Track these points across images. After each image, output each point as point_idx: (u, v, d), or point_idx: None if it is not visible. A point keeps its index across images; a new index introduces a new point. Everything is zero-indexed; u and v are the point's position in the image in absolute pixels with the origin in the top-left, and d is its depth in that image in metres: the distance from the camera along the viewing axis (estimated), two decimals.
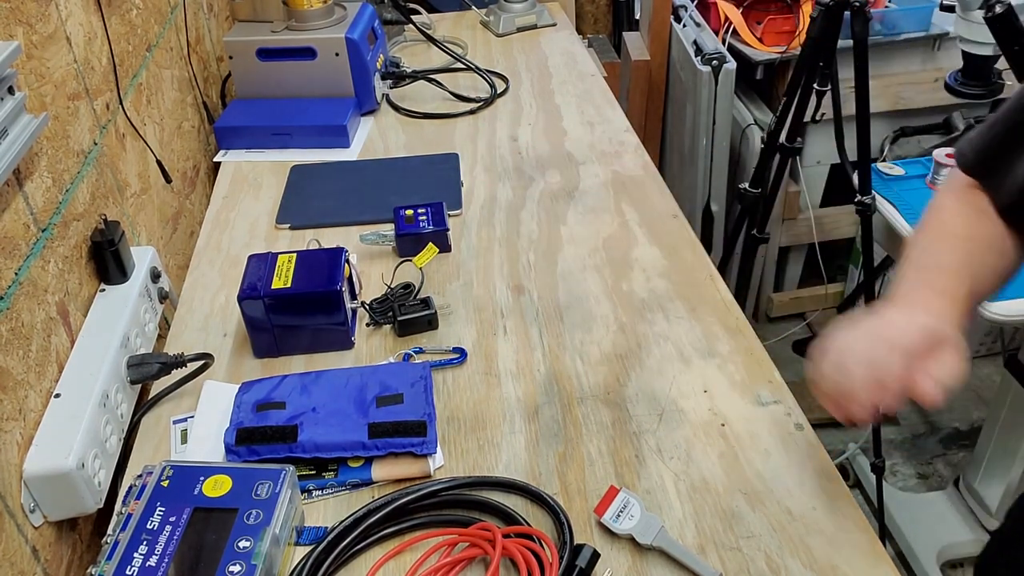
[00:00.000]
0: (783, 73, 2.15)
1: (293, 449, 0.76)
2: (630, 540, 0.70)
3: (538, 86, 1.48)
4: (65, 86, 0.86)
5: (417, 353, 0.91)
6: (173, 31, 1.23)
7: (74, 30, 0.89)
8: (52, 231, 0.80)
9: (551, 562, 0.66)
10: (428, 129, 1.37)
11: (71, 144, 0.86)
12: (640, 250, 1.04)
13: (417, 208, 1.07)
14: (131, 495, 0.71)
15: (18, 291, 0.72)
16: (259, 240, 1.12)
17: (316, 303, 0.89)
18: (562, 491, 0.75)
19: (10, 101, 0.70)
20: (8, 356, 0.70)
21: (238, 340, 0.94)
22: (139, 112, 1.06)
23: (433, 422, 0.79)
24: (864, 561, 0.68)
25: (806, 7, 2.06)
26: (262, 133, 1.32)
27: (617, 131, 1.32)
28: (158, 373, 0.86)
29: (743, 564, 0.68)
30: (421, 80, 1.47)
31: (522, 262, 1.05)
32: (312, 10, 1.34)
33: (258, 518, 0.66)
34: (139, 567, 0.63)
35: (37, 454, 0.71)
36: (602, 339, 0.92)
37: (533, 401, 0.85)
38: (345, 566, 0.70)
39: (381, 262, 1.05)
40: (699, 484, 0.75)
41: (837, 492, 0.73)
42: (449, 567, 0.68)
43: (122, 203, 0.98)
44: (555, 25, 1.71)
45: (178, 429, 0.84)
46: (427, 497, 0.73)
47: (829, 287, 2.41)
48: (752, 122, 2.16)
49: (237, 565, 0.63)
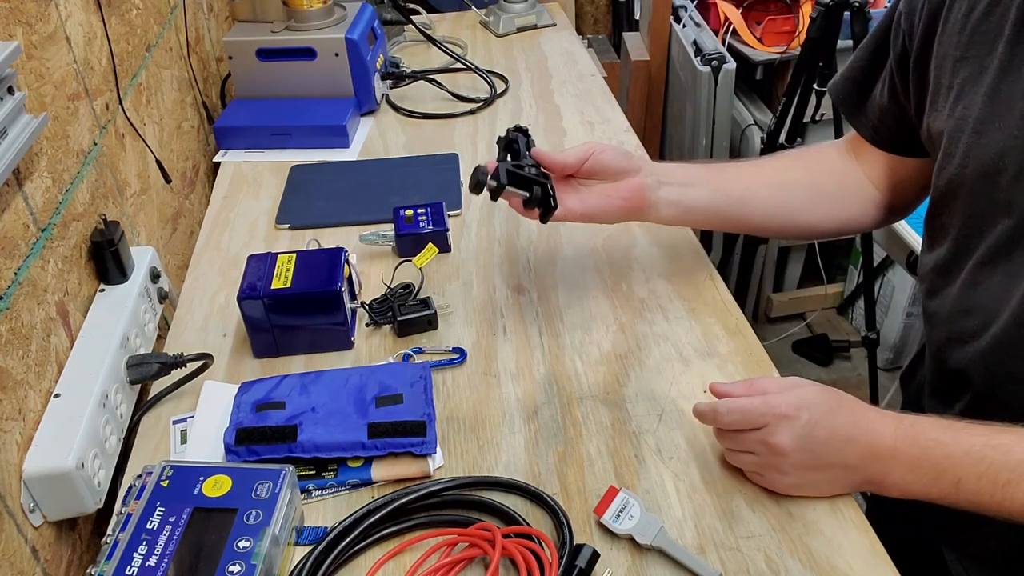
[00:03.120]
0: (783, 73, 2.15)
1: (293, 449, 0.76)
2: (630, 540, 0.70)
3: (538, 86, 1.48)
4: (65, 86, 0.86)
5: (417, 353, 0.91)
6: (173, 31, 1.23)
7: (74, 30, 0.89)
8: (52, 231, 0.80)
9: (551, 562, 0.66)
10: (428, 129, 1.37)
11: (71, 144, 0.86)
12: (640, 250, 1.04)
13: (417, 208, 1.07)
14: (131, 495, 0.71)
15: (18, 291, 0.72)
16: (259, 240, 1.12)
17: (316, 303, 0.89)
18: (562, 491, 0.75)
19: (10, 101, 0.70)
20: (8, 356, 0.70)
21: (238, 340, 0.94)
22: (139, 112, 1.06)
23: (433, 422, 0.79)
24: (864, 561, 0.68)
25: (806, 7, 2.06)
26: (262, 133, 1.32)
27: (617, 131, 1.32)
28: (158, 373, 0.86)
29: (743, 564, 0.68)
30: (421, 80, 1.47)
31: (522, 262, 1.04)
32: (312, 10, 1.34)
33: (258, 518, 0.66)
34: (139, 567, 0.63)
35: (37, 454, 0.71)
36: (602, 339, 0.92)
37: (533, 401, 0.85)
38: (345, 566, 0.70)
39: (381, 262, 1.05)
40: (699, 484, 0.75)
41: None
42: (449, 567, 0.68)
43: (122, 203, 0.98)
44: (555, 25, 1.71)
45: (178, 429, 0.83)
46: (427, 497, 0.73)
47: (829, 287, 2.41)
48: (752, 122, 2.16)
49: (237, 565, 0.63)
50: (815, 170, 0.94)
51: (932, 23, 0.76)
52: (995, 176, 0.69)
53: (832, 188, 0.92)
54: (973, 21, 0.72)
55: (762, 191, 0.92)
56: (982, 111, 0.70)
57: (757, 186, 0.92)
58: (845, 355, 2.37)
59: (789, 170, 0.94)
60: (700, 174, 0.92)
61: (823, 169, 0.93)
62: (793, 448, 0.69)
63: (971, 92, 0.71)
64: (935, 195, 0.78)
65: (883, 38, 0.84)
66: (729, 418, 0.72)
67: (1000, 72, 0.69)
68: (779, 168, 0.95)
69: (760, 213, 0.92)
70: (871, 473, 0.69)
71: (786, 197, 0.92)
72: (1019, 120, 0.67)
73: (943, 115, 0.74)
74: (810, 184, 0.92)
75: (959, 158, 0.72)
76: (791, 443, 0.68)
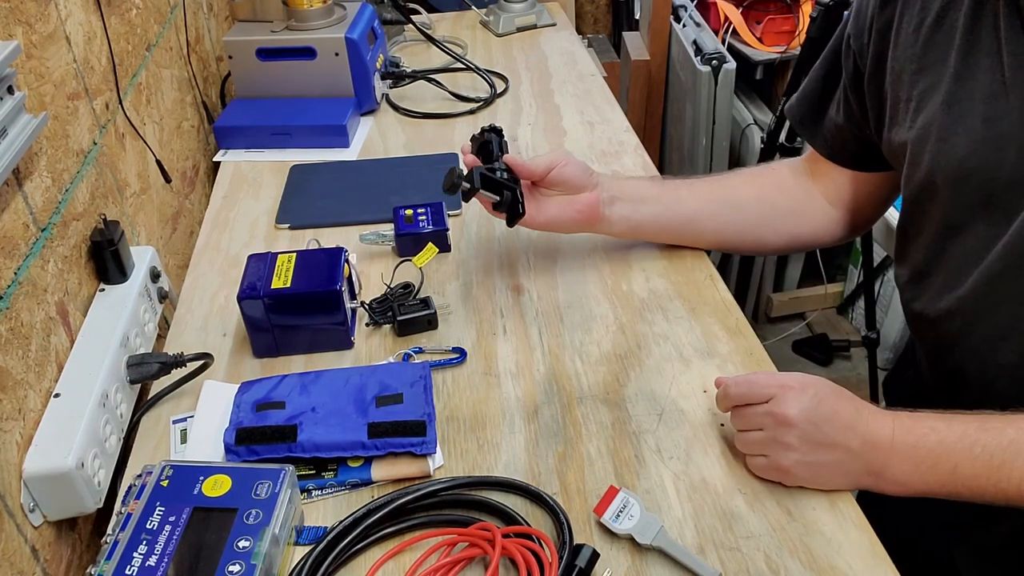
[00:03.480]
0: (783, 73, 2.15)
1: (292, 449, 0.76)
2: (630, 540, 0.70)
3: (538, 86, 1.48)
4: (64, 86, 0.86)
5: (417, 353, 0.91)
6: (173, 31, 1.23)
7: (73, 30, 0.89)
8: (52, 231, 0.80)
9: (551, 562, 0.66)
10: (428, 129, 1.37)
11: (71, 144, 0.86)
12: (640, 250, 1.04)
13: (417, 208, 1.07)
14: (131, 495, 0.71)
15: (17, 291, 0.72)
16: (259, 240, 1.12)
17: (316, 303, 0.89)
18: (562, 491, 0.75)
19: (9, 101, 0.70)
20: (8, 356, 0.70)
21: (238, 340, 0.94)
22: (139, 112, 1.06)
23: (433, 422, 0.79)
24: (864, 561, 0.68)
25: (806, 7, 2.06)
26: (262, 133, 1.31)
27: (617, 131, 1.32)
28: (158, 373, 0.86)
29: (743, 564, 0.68)
30: (421, 80, 1.47)
31: (522, 262, 1.04)
32: (312, 10, 1.34)
33: (258, 518, 0.66)
34: (139, 567, 0.63)
35: (37, 454, 0.71)
36: (602, 339, 0.92)
37: (533, 401, 0.85)
38: (345, 566, 0.70)
39: (381, 262, 1.05)
40: (699, 484, 0.75)
41: (837, 493, 0.73)
42: (449, 567, 0.68)
43: (121, 203, 0.98)
44: (555, 25, 1.71)
45: (178, 429, 0.83)
46: (427, 497, 0.73)
47: (829, 287, 2.41)
48: (752, 122, 2.16)
49: (237, 565, 0.63)
50: (767, 187, 0.97)
51: (883, 41, 0.79)
52: (964, 180, 0.71)
53: (784, 205, 0.96)
54: (924, 34, 0.74)
55: (712, 207, 0.97)
56: (943, 118, 0.72)
57: (707, 203, 0.97)
58: (845, 355, 2.37)
59: (740, 187, 0.98)
60: (653, 191, 0.97)
61: (775, 186, 0.97)
62: (799, 419, 0.69)
63: (930, 102, 0.73)
64: (906, 204, 0.80)
65: (835, 60, 0.88)
66: (737, 390, 0.74)
67: (956, 80, 0.71)
68: (730, 186, 0.99)
69: (712, 230, 0.98)
70: (871, 461, 0.69)
71: (734, 214, 0.96)
72: (981, 124, 0.69)
73: (904, 127, 0.77)
74: (761, 200, 0.96)
75: (926, 166, 0.74)
76: (797, 414, 0.69)
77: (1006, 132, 0.68)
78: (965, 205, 0.72)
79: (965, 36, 0.71)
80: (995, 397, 0.75)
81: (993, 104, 0.68)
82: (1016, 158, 0.67)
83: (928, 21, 0.74)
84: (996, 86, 0.68)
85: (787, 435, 0.70)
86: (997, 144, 0.68)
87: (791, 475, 0.72)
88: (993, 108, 0.68)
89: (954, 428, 0.68)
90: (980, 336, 0.74)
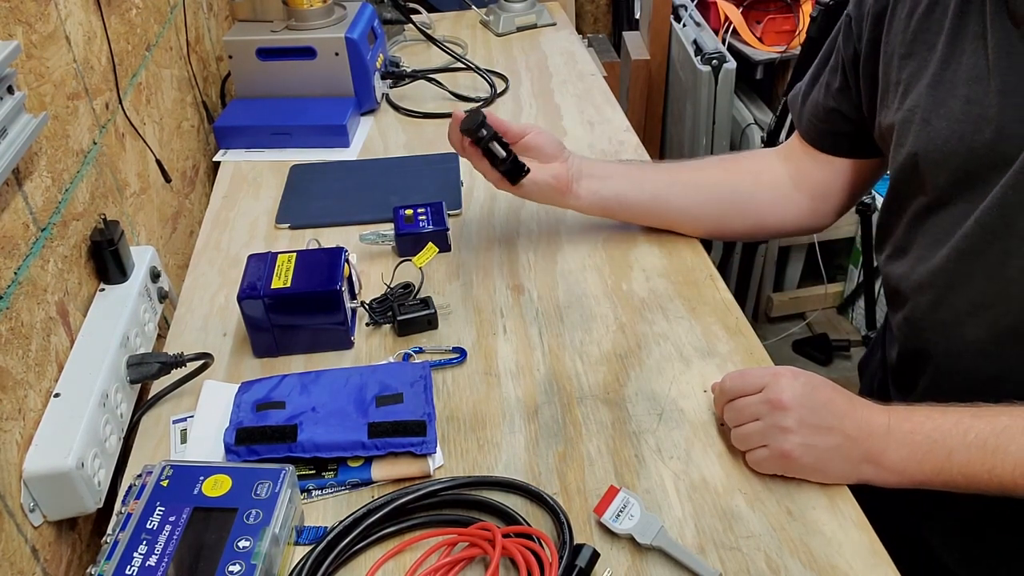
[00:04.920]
0: (783, 73, 2.15)
1: (293, 449, 0.76)
2: (630, 540, 0.70)
3: (538, 85, 1.48)
4: (64, 86, 0.86)
5: (417, 353, 0.91)
6: (173, 31, 1.23)
7: (73, 29, 0.89)
8: (51, 231, 0.80)
9: (551, 562, 0.66)
10: (428, 129, 1.37)
11: (70, 144, 0.86)
12: (640, 250, 1.04)
13: (417, 208, 1.07)
14: (131, 495, 0.71)
15: (17, 291, 0.72)
16: (259, 240, 1.12)
17: (316, 303, 0.89)
18: (562, 491, 0.75)
19: (9, 101, 0.70)
20: (7, 356, 0.70)
21: (238, 340, 0.94)
22: (138, 112, 1.06)
23: (433, 422, 0.79)
24: (864, 561, 0.68)
25: (806, 7, 2.06)
26: (262, 133, 1.31)
27: (617, 131, 1.32)
28: (158, 373, 0.86)
29: (743, 564, 0.68)
30: (421, 80, 1.47)
31: (522, 262, 1.04)
32: (312, 10, 1.34)
33: (258, 518, 0.66)
34: (139, 567, 0.63)
35: (37, 454, 0.71)
36: (602, 339, 0.92)
37: (533, 401, 0.85)
38: (345, 566, 0.70)
39: (381, 262, 1.05)
40: (699, 484, 0.75)
41: (837, 492, 0.73)
42: (449, 567, 0.68)
43: (121, 203, 0.98)
44: (555, 25, 1.71)
45: (178, 429, 0.83)
46: (427, 497, 0.73)
47: (829, 287, 2.41)
48: (752, 122, 2.16)
49: (237, 565, 0.63)
50: (734, 171, 1.00)
51: (877, 25, 0.81)
52: (944, 160, 0.73)
53: (748, 190, 0.98)
54: (916, 20, 0.76)
55: (676, 188, 0.99)
56: (927, 101, 0.74)
57: (671, 183, 0.99)
58: (845, 354, 2.37)
59: (709, 170, 1.01)
60: (620, 170, 1.01)
61: (749, 171, 0.99)
62: (794, 403, 0.70)
63: (917, 85, 0.76)
64: (891, 185, 0.82)
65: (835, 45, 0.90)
66: (731, 383, 0.76)
67: (941, 63, 0.73)
68: (698, 167, 1.01)
69: (676, 209, 1.00)
70: (868, 448, 0.70)
71: (697, 195, 0.99)
72: (963, 105, 0.71)
73: (892, 110, 0.79)
74: (728, 184, 0.99)
75: (909, 146, 0.76)
76: (792, 398, 0.70)
77: (985, 113, 0.69)
78: (945, 183, 0.74)
79: (954, 21, 0.73)
80: (958, 376, 0.76)
81: (975, 87, 0.70)
82: (992, 137, 0.69)
83: (921, 7, 0.76)
84: (980, 70, 0.70)
85: (784, 419, 0.71)
86: (976, 125, 0.70)
87: (793, 460, 0.71)
88: (975, 90, 0.70)
89: (948, 416, 0.69)
90: (949, 311, 0.76)
